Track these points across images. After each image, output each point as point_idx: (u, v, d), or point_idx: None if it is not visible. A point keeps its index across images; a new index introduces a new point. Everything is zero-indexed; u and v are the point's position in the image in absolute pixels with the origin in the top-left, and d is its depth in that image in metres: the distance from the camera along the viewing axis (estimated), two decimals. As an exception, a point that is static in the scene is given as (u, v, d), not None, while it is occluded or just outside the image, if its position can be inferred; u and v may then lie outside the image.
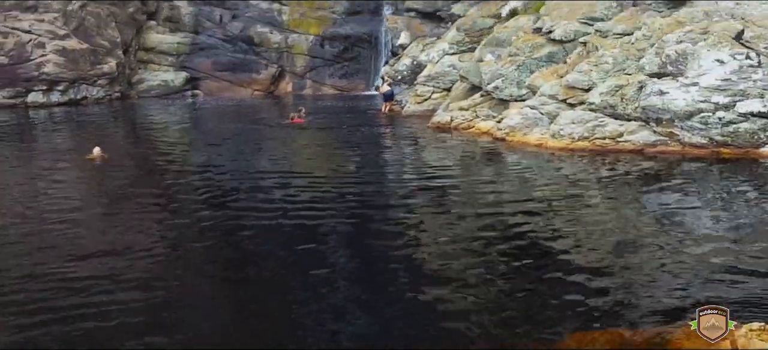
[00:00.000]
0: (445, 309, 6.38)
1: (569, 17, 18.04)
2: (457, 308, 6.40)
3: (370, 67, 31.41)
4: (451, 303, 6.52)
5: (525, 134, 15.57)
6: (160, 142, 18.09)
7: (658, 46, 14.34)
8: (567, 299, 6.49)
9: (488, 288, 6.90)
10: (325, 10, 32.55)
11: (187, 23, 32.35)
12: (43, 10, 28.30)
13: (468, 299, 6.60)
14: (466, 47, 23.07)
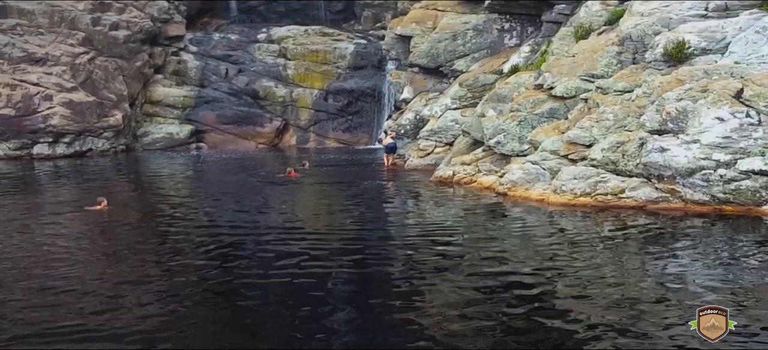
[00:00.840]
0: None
1: (570, 74, 18.25)
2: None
3: (373, 120, 31.70)
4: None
5: (527, 189, 15.61)
6: (164, 195, 18.16)
7: (658, 104, 14.47)
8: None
9: (489, 347, 6.85)
10: (330, 64, 33.01)
11: (194, 77, 32.80)
12: (52, 63, 28.76)
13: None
14: (468, 102, 23.31)
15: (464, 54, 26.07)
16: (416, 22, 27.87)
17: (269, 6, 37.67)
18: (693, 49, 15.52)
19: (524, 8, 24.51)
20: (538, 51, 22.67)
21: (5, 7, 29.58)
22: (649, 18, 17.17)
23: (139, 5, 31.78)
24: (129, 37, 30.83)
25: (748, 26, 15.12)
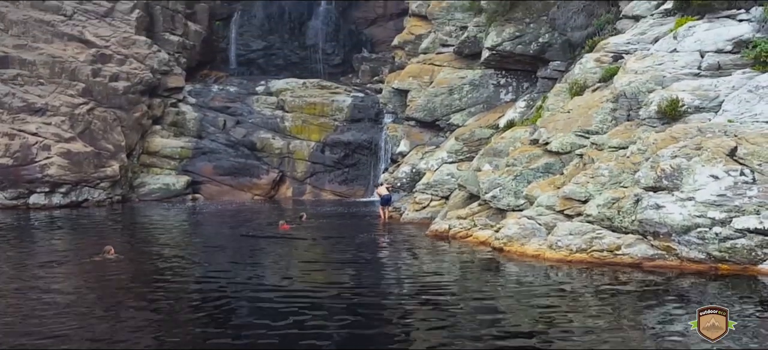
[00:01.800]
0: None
1: (565, 129, 18.37)
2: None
3: (369, 173, 31.79)
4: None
5: (523, 244, 15.57)
6: (158, 246, 18.06)
7: (653, 161, 14.54)
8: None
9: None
10: (327, 117, 33.25)
11: (192, 128, 32.97)
12: (51, 113, 28.93)
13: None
14: (464, 156, 23.43)
15: (460, 108, 26.30)
16: (413, 76, 28.18)
17: (268, 59, 38.11)
18: (687, 106, 15.66)
19: (520, 64, 24.84)
20: (533, 106, 22.88)
21: (7, 58, 29.89)
22: (642, 76, 17.36)
23: (140, 57, 32.13)
24: (129, 88, 31.08)
25: (741, 85, 15.31)
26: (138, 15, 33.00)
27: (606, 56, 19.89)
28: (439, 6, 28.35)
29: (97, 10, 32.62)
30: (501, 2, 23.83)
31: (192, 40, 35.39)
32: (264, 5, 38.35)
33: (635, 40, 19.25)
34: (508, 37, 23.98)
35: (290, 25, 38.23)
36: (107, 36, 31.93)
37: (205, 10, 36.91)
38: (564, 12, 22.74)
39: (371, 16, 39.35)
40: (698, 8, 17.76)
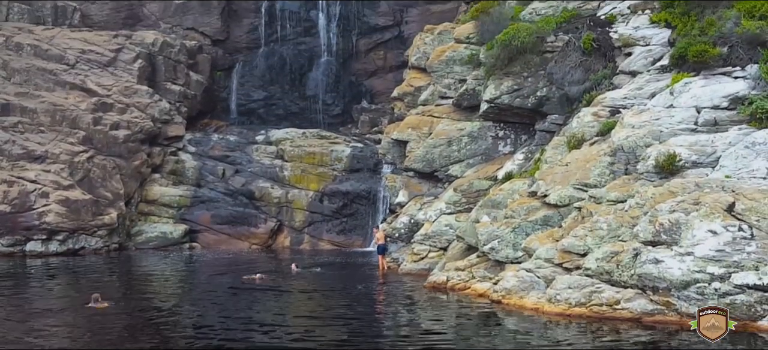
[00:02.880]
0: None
1: (563, 182, 18.43)
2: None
3: (367, 223, 31.72)
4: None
5: (521, 297, 15.49)
6: (153, 295, 17.93)
7: (651, 215, 14.57)
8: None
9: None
10: (326, 166, 33.34)
11: (191, 177, 33.02)
12: (51, 160, 29.01)
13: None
14: (462, 207, 23.43)
15: (459, 160, 26.39)
16: (412, 127, 28.34)
17: (269, 109, 38.37)
18: (684, 161, 15.77)
19: (518, 117, 25.02)
20: (531, 158, 22.98)
21: (8, 105, 30.11)
22: (640, 130, 17.52)
23: (141, 106, 32.37)
24: (129, 136, 31.23)
25: (738, 141, 15.44)
26: (140, 65, 33.36)
27: (603, 110, 20.07)
28: (438, 59, 28.67)
29: (99, 59, 32.98)
30: (499, 56, 24.11)
31: (193, 89, 35.70)
32: (265, 56, 38.80)
33: (632, 95, 19.46)
34: (506, 91, 24.21)
35: (291, 76, 38.62)
36: (109, 85, 32.22)
37: (207, 61, 37.32)
38: (561, 67, 23.01)
39: (371, 68, 39.77)
40: (694, 65, 18.01)
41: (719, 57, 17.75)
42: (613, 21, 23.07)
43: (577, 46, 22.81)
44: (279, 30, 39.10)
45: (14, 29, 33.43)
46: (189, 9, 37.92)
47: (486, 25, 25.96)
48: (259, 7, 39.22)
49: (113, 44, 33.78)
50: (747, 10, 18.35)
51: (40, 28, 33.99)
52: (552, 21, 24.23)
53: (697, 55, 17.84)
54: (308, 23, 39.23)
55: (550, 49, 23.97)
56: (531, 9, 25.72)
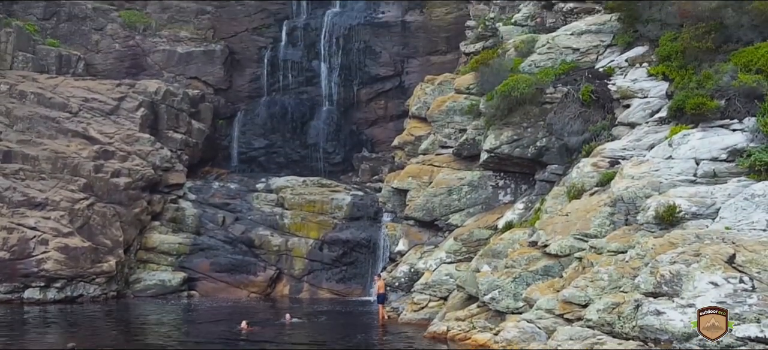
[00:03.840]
0: None
1: (564, 232, 18.45)
2: None
3: (367, 272, 31.60)
4: None
5: (523, 349, 15.36)
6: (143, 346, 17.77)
7: (652, 266, 14.56)
8: None
9: None
10: (327, 214, 33.35)
11: (191, 224, 33.01)
12: (51, 207, 29.04)
13: None
14: (463, 256, 23.39)
15: (459, 209, 26.42)
16: (413, 176, 28.43)
17: (270, 157, 38.53)
18: (684, 212, 15.81)
19: (518, 167, 25.14)
20: (531, 208, 23.04)
21: (10, 153, 30.25)
22: (639, 181, 17.61)
23: (142, 154, 32.52)
24: (129, 184, 31.30)
25: (737, 193, 15.51)
26: (143, 113, 33.64)
27: (603, 161, 20.21)
28: (438, 109, 28.93)
29: (102, 107, 33.28)
30: (499, 107, 24.35)
31: (195, 137, 35.92)
32: (267, 105, 39.14)
33: (631, 147, 19.61)
34: (506, 141, 24.38)
35: (292, 125, 38.89)
36: (111, 133, 32.44)
37: (209, 110, 37.63)
38: (561, 117, 23.23)
39: (372, 117, 40.06)
40: (692, 117, 18.20)
41: (717, 109, 17.95)
42: (611, 73, 23.38)
43: (576, 98, 23.08)
44: (281, 79, 39.51)
45: (18, 77, 33.79)
46: (192, 58, 38.39)
47: (486, 76, 26.28)
48: (262, 56, 39.72)
49: (116, 93, 34.11)
50: (743, 64, 18.62)
51: (44, 77, 34.36)
52: (551, 73, 24.55)
53: (694, 107, 18.05)
54: (310, 73, 39.68)
55: (549, 100, 24.24)
56: (530, 61, 26.08)
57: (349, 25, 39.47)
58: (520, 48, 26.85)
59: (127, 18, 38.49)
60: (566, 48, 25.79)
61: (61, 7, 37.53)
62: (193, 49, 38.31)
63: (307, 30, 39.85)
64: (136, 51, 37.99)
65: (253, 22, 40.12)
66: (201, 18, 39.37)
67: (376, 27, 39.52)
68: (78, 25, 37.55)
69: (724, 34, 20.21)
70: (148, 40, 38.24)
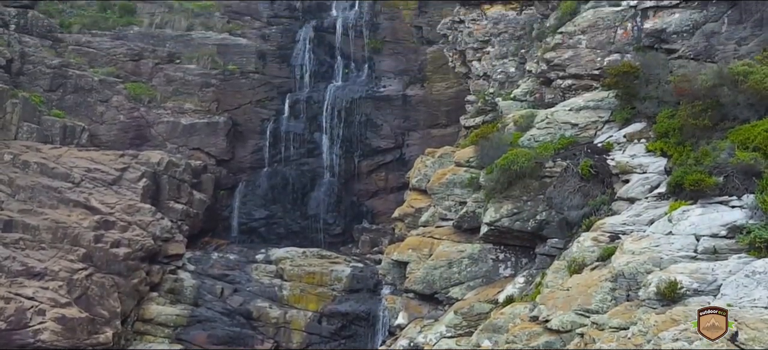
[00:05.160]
0: None
1: (565, 307, 18.31)
2: None
3: (366, 346, 31.24)
4: None
5: None
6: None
7: (654, 343, 14.43)
8: None
9: None
10: (326, 286, 33.20)
11: (189, 295, 32.84)
12: (49, 277, 28.96)
13: None
14: (463, 330, 23.13)
15: (460, 282, 26.28)
16: (413, 248, 28.36)
17: (270, 228, 38.60)
18: (685, 289, 15.73)
19: (518, 240, 25.12)
20: (532, 282, 22.92)
21: (11, 222, 30.33)
22: (640, 256, 17.58)
23: (143, 224, 32.59)
24: (129, 254, 31.26)
25: (738, 269, 15.48)
26: (145, 184, 33.85)
27: (603, 236, 20.21)
28: (438, 181, 29.09)
29: (105, 178, 33.52)
30: (499, 180, 24.49)
31: (196, 208, 36.03)
32: (268, 176, 39.44)
33: (631, 222, 19.66)
34: (506, 214, 24.43)
35: (293, 196, 39.09)
36: (113, 203, 32.58)
37: (210, 180, 37.87)
38: (560, 191, 23.34)
39: (372, 189, 40.30)
40: (691, 193, 18.31)
41: (716, 186, 18.07)
42: (610, 148, 23.62)
43: (575, 172, 23.24)
44: (283, 151, 39.97)
45: (22, 147, 34.15)
46: (196, 130, 38.87)
47: (485, 149, 26.52)
48: (265, 128, 40.30)
49: (119, 163, 34.42)
50: (740, 142, 18.85)
51: (48, 147, 34.71)
52: (550, 147, 24.79)
53: (693, 184, 18.17)
54: (312, 145, 40.17)
55: (548, 174, 24.39)
56: (529, 135, 26.37)
57: (351, 99, 40.16)
58: (520, 122, 27.19)
59: (132, 90, 39.12)
60: (565, 123, 26.12)
61: (67, 79, 38.17)
62: (196, 121, 38.82)
63: (310, 103, 40.55)
64: (141, 122, 38.48)
65: (256, 94, 40.84)
66: (205, 90, 40.02)
67: (378, 100, 40.22)
68: (84, 97, 38.11)
69: (721, 111, 20.51)
70: (152, 111, 38.79)
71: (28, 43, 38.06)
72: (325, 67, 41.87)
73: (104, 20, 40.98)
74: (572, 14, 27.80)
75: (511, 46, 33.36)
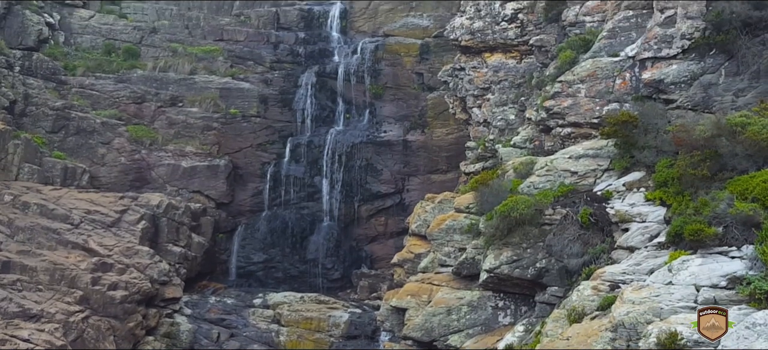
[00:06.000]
0: None
1: (565, 358, 18.14)
2: None
3: (364, 395, 30.85)
4: None
5: None
6: None
7: (655, 396, 14.26)
8: None
9: None
10: (323, 332, 32.94)
11: (185, 340, 32.57)
12: (46, 319, 28.77)
13: None
14: (463, 380, 22.88)
15: (459, 329, 26.05)
16: (411, 294, 28.21)
17: (268, 272, 38.48)
18: (686, 340, 15.58)
19: (518, 288, 24.99)
20: (532, 331, 22.73)
21: (9, 263, 30.22)
22: (640, 306, 17.46)
23: (141, 267, 32.47)
24: (126, 297, 31.08)
25: (739, 321, 15.36)
26: (144, 226, 33.81)
27: (603, 285, 20.10)
28: (438, 227, 29.06)
29: (104, 220, 33.49)
30: (498, 227, 24.47)
31: (194, 251, 35.93)
32: (268, 219, 39.43)
33: (631, 271, 19.58)
34: (505, 261, 24.34)
35: (292, 240, 39.02)
36: (111, 245, 32.50)
37: (210, 223, 37.84)
38: (560, 239, 23.30)
39: (372, 234, 40.25)
40: (690, 243, 18.28)
41: (715, 236, 18.04)
42: (609, 197, 23.64)
43: (575, 220, 23.24)
44: (283, 194, 40.06)
45: (23, 188, 34.20)
46: (196, 173, 38.98)
47: (485, 196, 26.55)
48: (265, 172, 40.43)
49: (119, 205, 34.44)
50: (739, 192, 18.87)
51: (48, 188, 34.78)
52: (550, 194, 24.82)
53: (693, 234, 18.14)
54: (312, 188, 40.27)
55: (548, 222, 24.38)
56: (529, 182, 26.43)
57: (352, 143, 40.40)
58: (519, 169, 27.28)
59: (134, 132, 39.34)
60: (564, 171, 26.19)
61: (70, 120, 38.44)
62: (197, 164, 38.96)
63: (311, 147, 40.79)
64: (141, 164, 38.63)
65: (257, 138, 41.08)
66: (207, 133, 40.24)
67: (378, 145, 40.46)
68: (86, 139, 38.32)
69: (719, 162, 20.58)
70: (153, 153, 38.97)
71: (32, 85, 38.42)
72: (327, 111, 42.22)
73: (108, 64, 41.42)
74: (571, 64, 28.10)
75: (511, 94, 33.68)
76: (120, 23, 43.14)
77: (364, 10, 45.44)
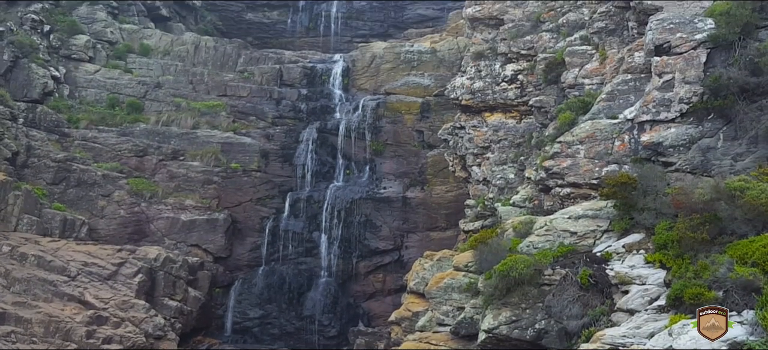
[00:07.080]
0: None
1: (565, 423, 17.84)
2: None
3: None
4: None
5: None
6: None
7: None
8: None
9: None
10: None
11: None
12: (37, 374, 28.26)
13: None
14: None
15: (457, 391, 25.68)
16: (409, 354, 27.88)
17: (264, 328, 38.06)
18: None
19: (516, 349, 24.69)
20: (531, 393, 22.41)
21: (4, 314, 29.97)
22: (640, 370, 17.26)
23: (136, 320, 32.17)
24: (120, 352, 30.72)
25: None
26: (140, 279, 33.62)
27: (603, 347, 19.84)
28: (436, 285, 28.87)
29: (101, 272, 33.33)
30: (497, 286, 24.30)
31: (190, 305, 35.62)
32: (265, 274, 39.21)
33: (631, 334, 19.37)
34: (504, 321, 24.10)
35: (289, 295, 38.73)
36: (107, 298, 32.28)
37: (207, 277, 37.61)
38: (559, 300, 23.11)
39: (370, 291, 39.97)
40: (691, 307, 18.14)
41: (715, 300, 17.92)
42: (609, 258, 23.54)
43: (574, 281, 23.08)
44: (281, 249, 39.94)
45: (21, 239, 34.12)
46: (195, 226, 38.93)
47: (484, 254, 26.43)
48: (264, 226, 40.36)
49: (116, 258, 34.31)
50: (739, 257, 18.81)
51: (47, 240, 34.70)
52: (549, 254, 24.71)
53: (693, 297, 18.03)
54: (310, 244, 40.16)
55: (547, 282, 24.21)
56: (528, 242, 26.35)
57: (351, 199, 40.45)
58: (519, 229, 27.23)
59: (134, 185, 39.43)
60: (564, 231, 26.13)
61: (71, 172, 38.57)
62: (196, 217, 38.94)
63: (310, 202, 40.81)
64: (140, 217, 38.60)
65: (257, 192, 41.16)
66: (207, 187, 40.32)
67: (378, 201, 40.49)
68: (86, 191, 38.40)
69: (719, 226, 20.56)
70: (153, 206, 38.98)
71: (34, 137, 38.66)
72: (327, 167, 42.38)
73: (112, 117, 41.76)
74: (570, 125, 28.32)
75: (511, 153, 33.85)
76: (125, 77, 43.62)
77: (366, 68, 46.04)
